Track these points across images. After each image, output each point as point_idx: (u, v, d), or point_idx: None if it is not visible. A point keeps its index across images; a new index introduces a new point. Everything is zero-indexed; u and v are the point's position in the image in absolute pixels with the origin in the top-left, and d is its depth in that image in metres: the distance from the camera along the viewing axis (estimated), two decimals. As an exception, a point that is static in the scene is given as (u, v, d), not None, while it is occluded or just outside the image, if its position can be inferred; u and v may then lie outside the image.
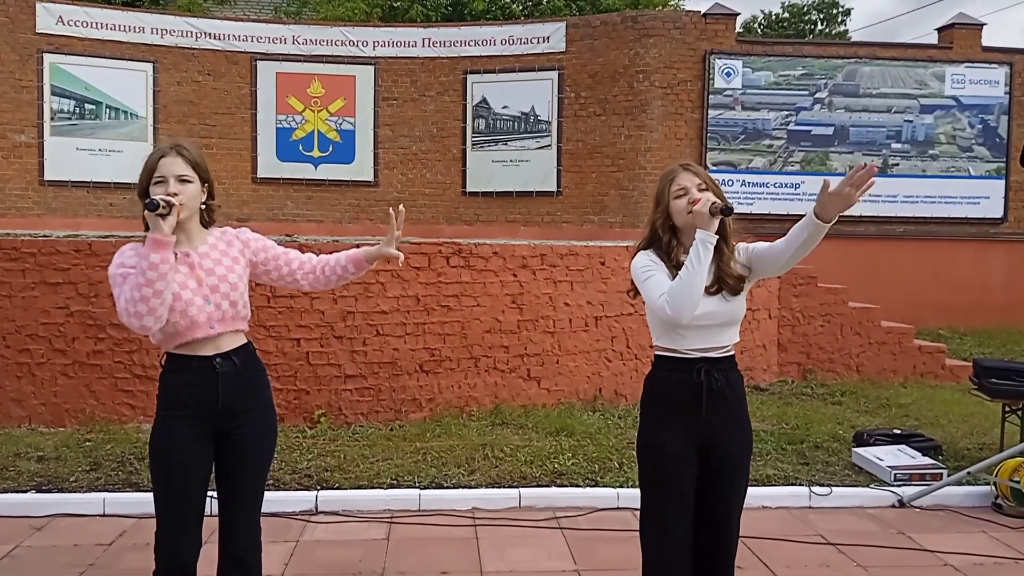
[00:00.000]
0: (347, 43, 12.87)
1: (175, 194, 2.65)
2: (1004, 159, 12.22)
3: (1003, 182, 12.33)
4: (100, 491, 4.88)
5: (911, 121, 12.26)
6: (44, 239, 6.20)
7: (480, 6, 15.53)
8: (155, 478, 2.78)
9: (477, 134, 12.87)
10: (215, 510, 2.84)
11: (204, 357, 2.73)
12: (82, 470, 5.18)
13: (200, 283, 2.72)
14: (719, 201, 2.70)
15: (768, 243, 2.84)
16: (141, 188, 2.73)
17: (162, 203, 2.56)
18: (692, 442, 2.81)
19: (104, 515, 4.71)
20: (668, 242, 2.85)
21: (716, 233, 2.72)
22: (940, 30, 12.83)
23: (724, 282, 2.80)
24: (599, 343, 7.34)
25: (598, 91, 12.33)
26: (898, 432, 6.16)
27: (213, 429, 2.76)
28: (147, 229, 2.62)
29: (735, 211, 2.77)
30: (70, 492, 4.88)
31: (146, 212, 2.56)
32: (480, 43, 12.80)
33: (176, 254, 2.69)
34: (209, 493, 2.82)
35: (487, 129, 12.85)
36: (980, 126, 12.33)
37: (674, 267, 2.78)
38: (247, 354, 2.84)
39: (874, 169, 2.54)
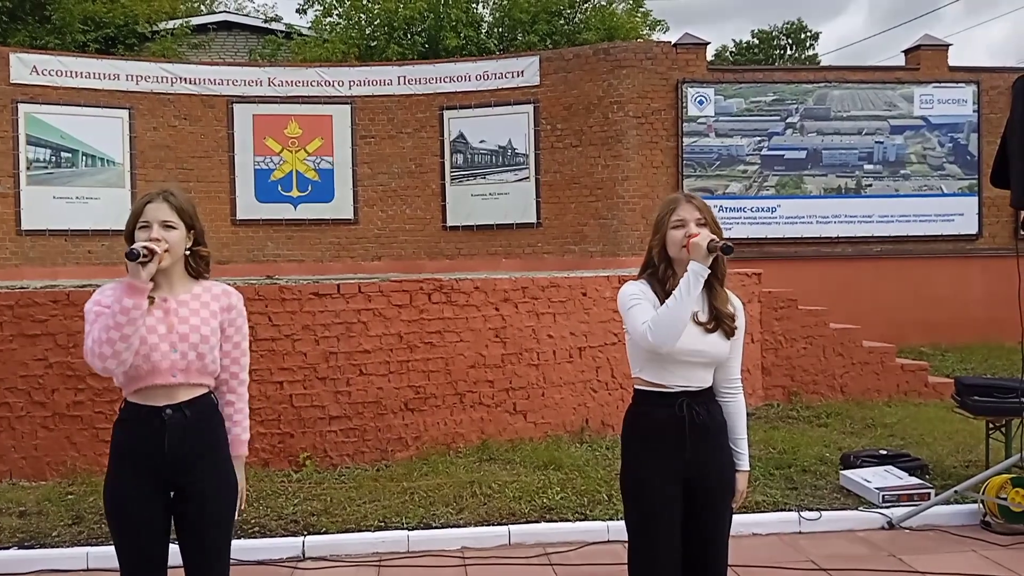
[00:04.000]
0: (323, 83, 12.94)
1: (158, 239, 2.65)
2: (976, 176, 12.40)
3: (976, 199, 12.50)
4: (83, 545, 4.80)
5: (882, 142, 12.43)
6: (21, 291, 6.15)
7: (454, 42, 15.66)
8: (112, 533, 2.76)
9: (455, 169, 12.94)
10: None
11: (154, 407, 2.69)
12: (64, 524, 5.09)
13: (170, 329, 2.69)
14: (717, 238, 2.71)
15: (736, 357, 2.92)
16: (127, 233, 2.75)
17: (143, 251, 2.54)
18: (677, 477, 2.80)
19: (88, 569, 4.63)
20: (664, 271, 2.85)
21: (711, 272, 2.74)
22: (907, 52, 13.06)
23: (721, 321, 2.82)
24: (584, 374, 7.33)
25: (574, 122, 12.44)
26: (884, 453, 6.18)
27: (163, 481, 2.71)
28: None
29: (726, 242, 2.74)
30: (53, 547, 4.80)
31: (135, 261, 2.54)
32: (455, 79, 12.91)
33: (153, 299, 2.68)
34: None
35: (465, 163, 12.92)
36: (950, 145, 12.52)
37: (668, 295, 2.78)
38: (202, 406, 2.75)
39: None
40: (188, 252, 2.80)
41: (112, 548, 4.64)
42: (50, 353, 6.04)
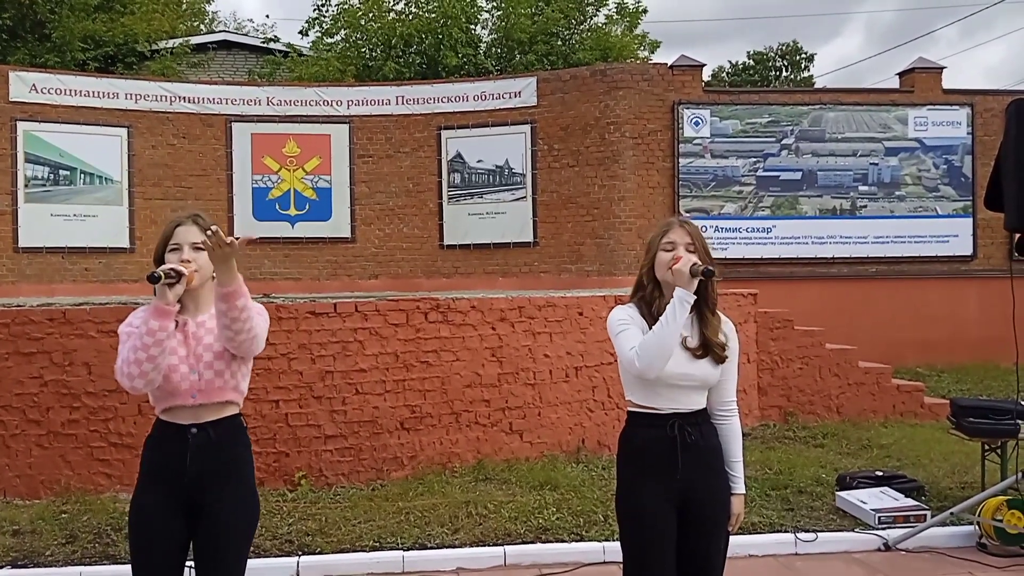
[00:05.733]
0: (321, 103, 13.00)
1: (188, 261, 2.69)
2: (970, 198, 12.46)
3: (971, 220, 12.55)
4: (76, 565, 4.80)
5: (876, 164, 12.50)
6: (17, 309, 6.15)
7: (453, 61, 15.76)
8: (131, 548, 2.79)
9: (453, 188, 12.98)
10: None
11: (180, 426, 2.73)
12: (58, 543, 5.08)
13: (189, 352, 2.73)
14: (699, 262, 2.73)
15: (729, 380, 2.92)
16: (157, 255, 2.78)
17: (164, 273, 2.56)
18: (671, 498, 2.81)
19: (80, 590, 4.61)
20: (651, 291, 2.88)
21: (700, 298, 2.78)
22: (901, 75, 13.16)
23: (711, 348, 2.83)
24: (580, 394, 7.33)
25: (570, 143, 12.50)
26: (880, 474, 6.18)
27: (183, 501, 2.72)
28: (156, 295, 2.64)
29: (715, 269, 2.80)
30: (46, 567, 4.79)
31: (158, 283, 2.55)
32: (453, 99, 12.98)
33: (177, 321, 2.71)
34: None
35: (462, 183, 12.96)
36: (945, 166, 12.59)
37: (654, 317, 2.80)
38: (229, 427, 2.79)
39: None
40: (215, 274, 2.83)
41: (106, 568, 4.67)
42: (45, 371, 6.04)
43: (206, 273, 2.77)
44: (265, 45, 18.25)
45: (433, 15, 16.67)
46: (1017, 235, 5.45)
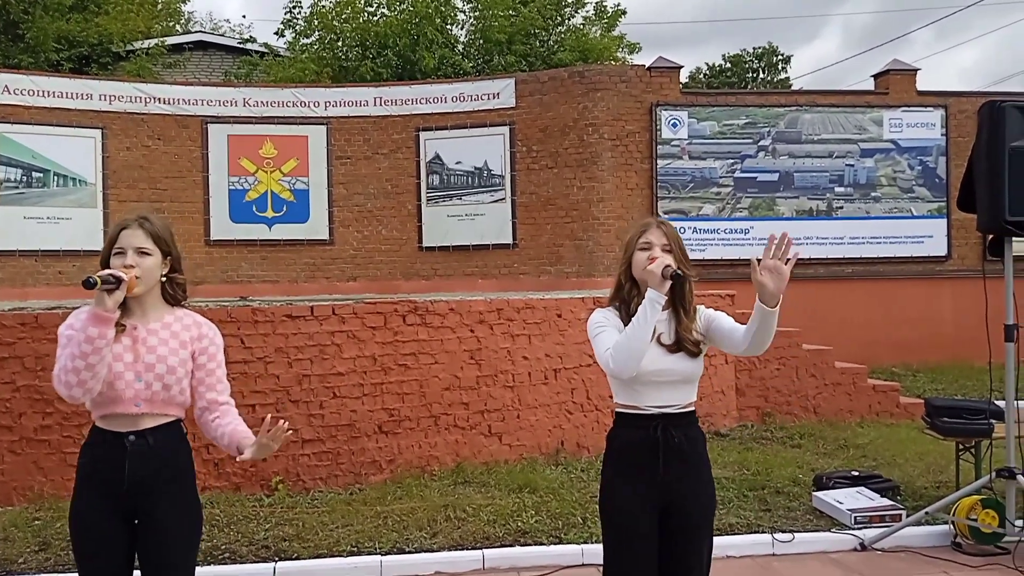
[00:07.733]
0: (298, 104, 12.93)
1: (131, 266, 2.62)
2: (944, 199, 12.60)
3: (945, 221, 12.69)
4: (50, 572, 4.72)
5: (852, 165, 12.62)
6: (-11, 313, 6.06)
7: (430, 63, 15.72)
8: (75, 557, 2.73)
9: (431, 190, 12.95)
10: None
11: (118, 433, 2.65)
12: (31, 551, 5.00)
13: (137, 358, 2.65)
14: (672, 265, 2.75)
15: (731, 323, 2.89)
16: (103, 258, 2.72)
17: (102, 279, 2.50)
18: (652, 500, 2.81)
19: (53, 598, 4.55)
20: (629, 290, 2.90)
21: (676, 297, 2.81)
22: (876, 76, 13.29)
23: (683, 344, 2.84)
24: (559, 396, 7.33)
25: (549, 144, 12.52)
26: (856, 474, 6.22)
27: (124, 508, 2.66)
28: None
29: (691, 271, 2.85)
30: (19, 574, 4.71)
31: (94, 289, 2.49)
32: (431, 100, 12.95)
33: (124, 326, 2.65)
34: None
35: (441, 184, 12.94)
36: (919, 168, 12.73)
37: (631, 317, 2.81)
38: (167, 433, 2.71)
39: (786, 237, 2.62)
40: (164, 279, 2.77)
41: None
42: (17, 376, 5.95)
43: (151, 279, 2.70)
44: (241, 46, 18.16)
45: (405, 16, 16.59)
46: (990, 236, 5.50)
